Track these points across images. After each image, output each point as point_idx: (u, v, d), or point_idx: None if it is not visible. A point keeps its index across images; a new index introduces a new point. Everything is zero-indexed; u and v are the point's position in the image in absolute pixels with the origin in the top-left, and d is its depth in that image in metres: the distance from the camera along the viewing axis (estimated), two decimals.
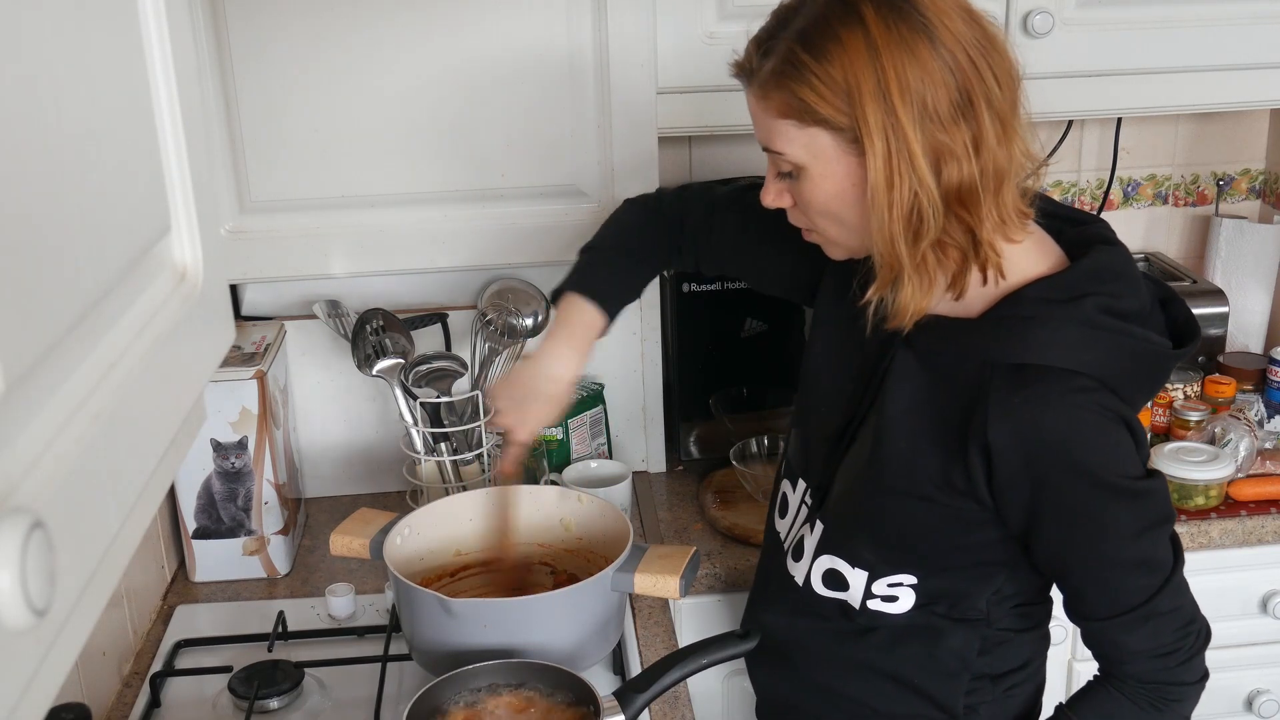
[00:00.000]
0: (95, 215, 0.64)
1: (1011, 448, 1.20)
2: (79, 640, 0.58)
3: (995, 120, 1.15)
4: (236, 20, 1.67)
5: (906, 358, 1.28)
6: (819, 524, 1.38)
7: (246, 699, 1.49)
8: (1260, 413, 2.05)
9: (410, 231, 1.78)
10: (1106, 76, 1.90)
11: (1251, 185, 2.41)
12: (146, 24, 0.73)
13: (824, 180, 1.20)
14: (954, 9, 1.15)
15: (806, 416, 1.45)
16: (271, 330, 1.89)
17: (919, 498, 1.27)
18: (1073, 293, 1.21)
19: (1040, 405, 1.19)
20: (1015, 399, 1.19)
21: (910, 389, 1.28)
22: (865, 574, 1.35)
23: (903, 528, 1.31)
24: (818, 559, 1.38)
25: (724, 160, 2.22)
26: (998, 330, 1.22)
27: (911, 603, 1.34)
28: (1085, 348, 1.19)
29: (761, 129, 1.23)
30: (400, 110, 1.72)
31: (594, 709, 1.31)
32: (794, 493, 1.46)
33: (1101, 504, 1.22)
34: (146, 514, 0.69)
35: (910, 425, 1.27)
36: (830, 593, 1.38)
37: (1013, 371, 1.20)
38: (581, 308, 1.48)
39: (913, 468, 1.27)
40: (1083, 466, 1.20)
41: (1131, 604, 1.25)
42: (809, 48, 1.15)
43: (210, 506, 1.78)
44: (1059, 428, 1.19)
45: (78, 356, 0.61)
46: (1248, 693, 1.99)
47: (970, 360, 1.23)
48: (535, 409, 1.47)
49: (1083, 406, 1.19)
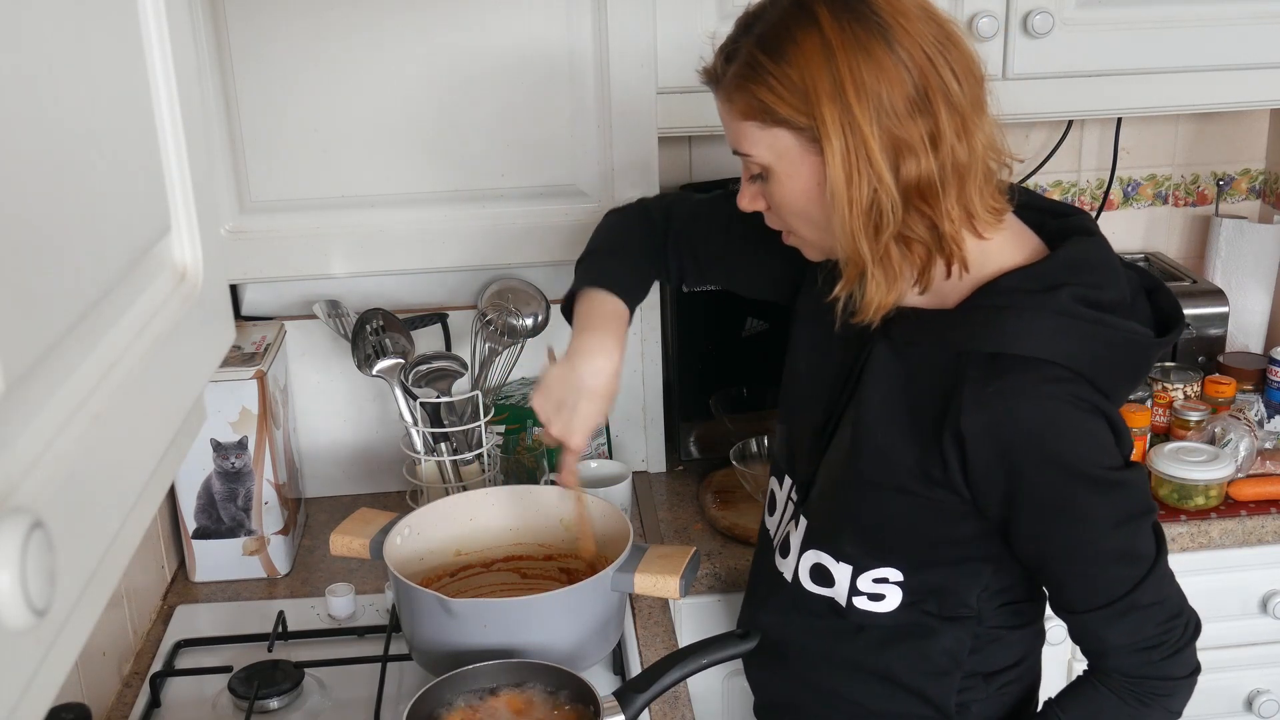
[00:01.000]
0: (95, 215, 0.64)
1: (985, 438, 1.20)
2: (79, 640, 0.58)
3: (954, 116, 1.17)
4: (236, 20, 1.67)
5: (882, 351, 1.30)
6: (803, 519, 1.40)
7: (246, 699, 1.49)
8: (1260, 413, 2.05)
9: (410, 231, 1.78)
10: (1106, 76, 1.90)
11: (1251, 185, 2.41)
12: (146, 24, 0.73)
13: (790, 180, 1.23)
14: (912, 9, 1.18)
15: (790, 413, 1.47)
16: (271, 330, 1.89)
17: (897, 489, 1.28)
18: (1048, 283, 1.22)
19: (1014, 395, 1.20)
20: (989, 389, 1.20)
21: (886, 381, 1.29)
22: (849, 568, 1.35)
23: (883, 520, 1.32)
24: (804, 554, 1.39)
25: (724, 160, 2.21)
26: (972, 320, 1.24)
27: (899, 601, 1.35)
28: (1060, 338, 1.20)
29: (730, 132, 1.27)
30: (400, 110, 1.72)
31: (594, 709, 1.31)
32: (781, 489, 1.47)
33: (1077, 495, 1.22)
34: (146, 514, 0.69)
35: (887, 417, 1.28)
36: (818, 588, 1.39)
37: (987, 361, 1.21)
38: (603, 299, 1.47)
39: (890, 460, 1.28)
40: (1057, 457, 1.21)
41: (1112, 596, 1.25)
42: (767, 50, 1.18)
43: (210, 506, 1.78)
44: (1033, 418, 1.20)
45: (78, 356, 0.61)
46: (1248, 693, 1.99)
47: (945, 351, 1.25)
48: (584, 409, 1.41)
49: (1057, 397, 1.20)
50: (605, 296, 1.47)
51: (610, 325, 1.45)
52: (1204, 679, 1.31)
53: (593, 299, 1.47)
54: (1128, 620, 1.26)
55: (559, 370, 1.43)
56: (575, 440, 1.42)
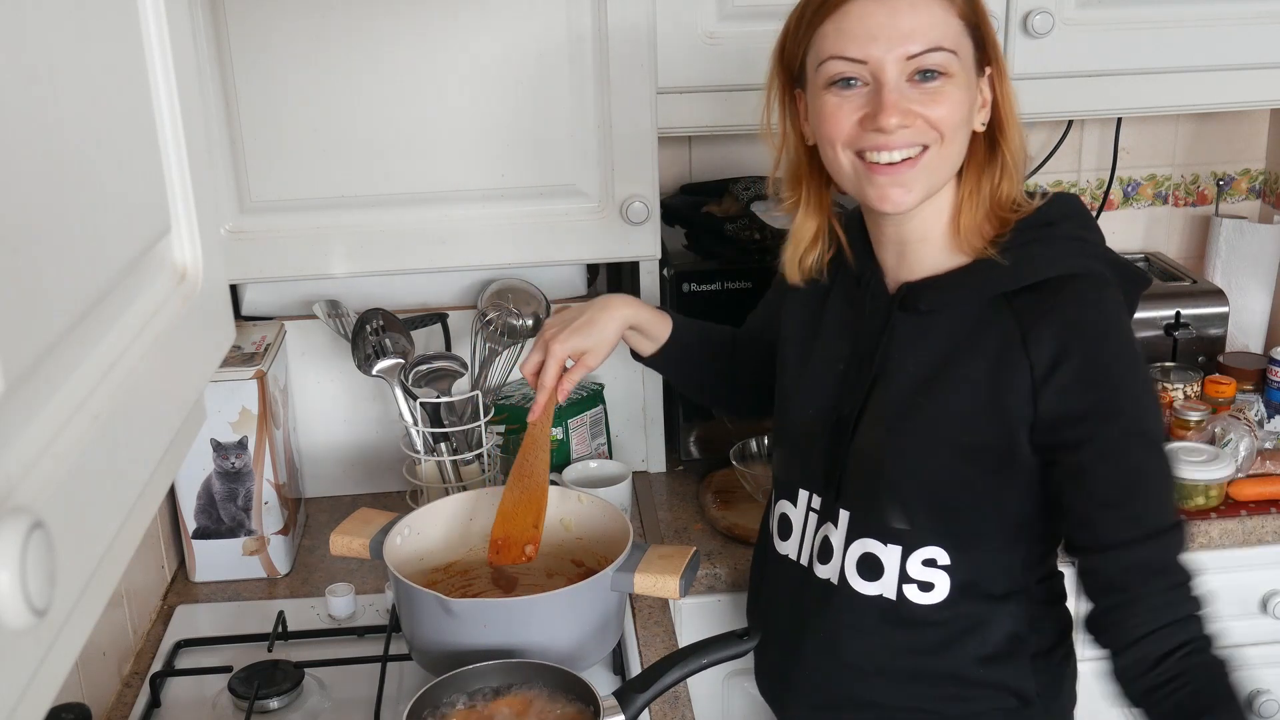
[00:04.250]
0: (95, 215, 0.64)
1: (1053, 345, 1.26)
2: (79, 640, 0.58)
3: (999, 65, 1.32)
4: (236, 20, 1.67)
5: (906, 322, 1.34)
6: (843, 513, 1.39)
7: (246, 699, 1.49)
8: (1260, 413, 2.05)
9: (410, 231, 1.78)
10: (1106, 76, 1.90)
11: (1251, 185, 2.41)
12: (146, 24, 0.73)
13: (961, 88, 1.27)
14: None
15: (796, 429, 1.46)
16: (271, 330, 1.89)
17: (950, 447, 1.31)
18: (1048, 220, 1.33)
19: (1070, 301, 1.27)
20: (1044, 306, 1.27)
21: (918, 347, 1.34)
22: (898, 550, 1.35)
23: (930, 487, 1.33)
24: (849, 548, 1.38)
25: (724, 160, 2.22)
26: (998, 265, 1.30)
27: (947, 590, 1.34)
28: (1082, 257, 1.31)
29: (905, 23, 1.23)
30: (400, 110, 1.72)
31: (594, 709, 1.31)
32: (796, 508, 1.46)
33: (1126, 373, 1.28)
34: (146, 514, 0.69)
35: (928, 380, 1.32)
36: (868, 586, 1.37)
37: (1031, 291, 1.29)
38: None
39: (942, 418, 1.31)
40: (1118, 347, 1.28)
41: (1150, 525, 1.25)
42: None
43: (210, 506, 1.78)
44: (1093, 316, 1.28)
45: (78, 356, 0.61)
46: (1248, 693, 1.99)
47: (977, 302, 1.31)
48: (581, 328, 1.49)
49: (1107, 300, 1.29)
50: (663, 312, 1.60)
51: (642, 301, 1.57)
52: None
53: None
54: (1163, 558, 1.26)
55: (582, 305, 1.53)
56: (556, 347, 1.48)
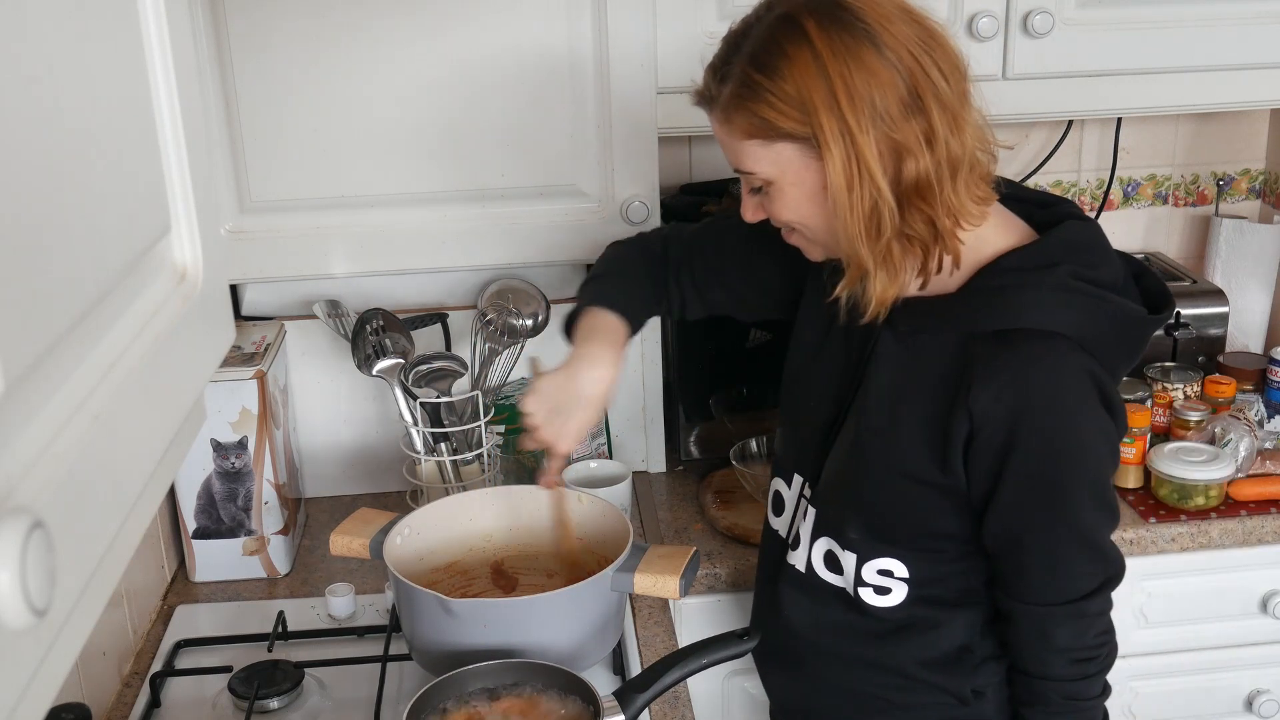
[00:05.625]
0: (95, 215, 0.64)
1: (995, 405, 1.23)
2: (79, 640, 0.58)
3: (945, 113, 1.19)
4: (236, 20, 1.67)
5: (888, 340, 1.33)
6: (810, 509, 1.42)
7: (246, 699, 1.49)
8: (1260, 413, 2.05)
9: (410, 231, 1.78)
10: (1106, 76, 1.90)
11: (1251, 185, 2.41)
12: (146, 24, 0.73)
13: (793, 189, 1.25)
14: (894, 12, 1.20)
15: (795, 414, 1.49)
16: (271, 330, 1.89)
17: (902, 475, 1.31)
18: (1047, 261, 1.26)
19: (1025, 364, 1.23)
20: (998, 361, 1.23)
21: (893, 369, 1.32)
22: (854, 556, 1.38)
23: (885, 507, 1.34)
24: (815, 542, 1.42)
25: (724, 160, 2.20)
26: (975, 301, 1.27)
27: (904, 596, 1.37)
28: (1063, 311, 1.24)
29: (730, 152, 1.29)
30: (400, 110, 1.72)
31: (594, 709, 1.31)
32: (789, 489, 1.49)
33: (1066, 469, 1.25)
34: (146, 514, 0.69)
35: (894, 403, 1.31)
36: (831, 576, 1.42)
37: (994, 338, 1.24)
38: (604, 315, 1.49)
39: (896, 445, 1.31)
40: (1058, 426, 1.24)
41: (1070, 594, 1.29)
42: (761, 68, 1.20)
43: (210, 506, 1.78)
44: (1043, 385, 1.23)
45: (78, 356, 0.61)
46: (1248, 693, 1.99)
47: (951, 334, 1.28)
48: (577, 415, 1.41)
49: (1065, 367, 1.23)
50: (606, 314, 1.49)
51: (610, 338, 1.46)
52: (1204, 679, 1.33)
53: (594, 316, 1.49)
54: (1076, 625, 1.30)
55: (557, 377, 1.43)
56: (563, 447, 1.44)
